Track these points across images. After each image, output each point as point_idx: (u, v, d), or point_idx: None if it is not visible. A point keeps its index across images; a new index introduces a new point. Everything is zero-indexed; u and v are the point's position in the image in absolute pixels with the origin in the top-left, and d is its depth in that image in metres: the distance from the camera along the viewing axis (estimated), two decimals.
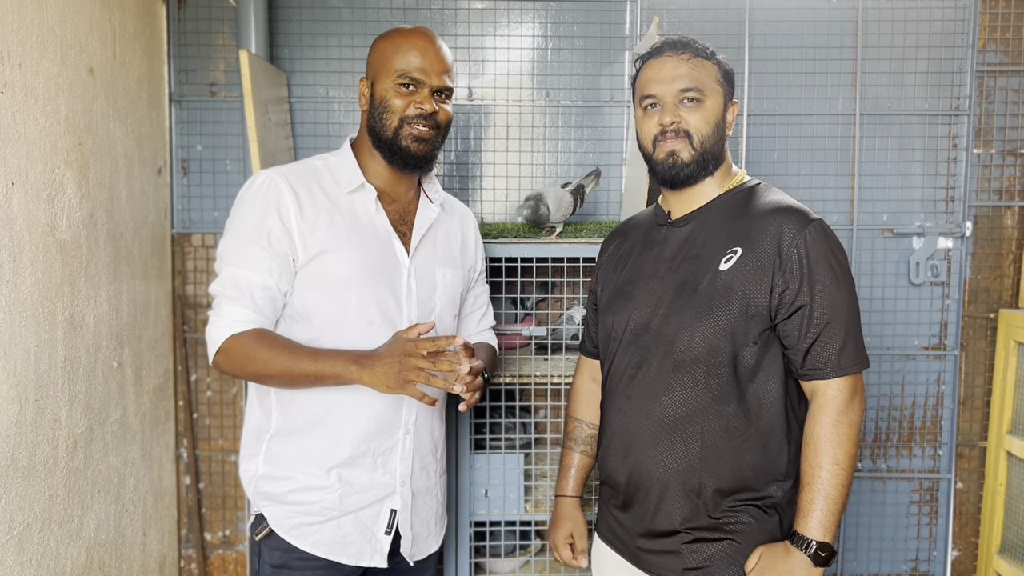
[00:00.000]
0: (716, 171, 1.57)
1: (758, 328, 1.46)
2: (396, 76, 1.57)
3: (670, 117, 1.52)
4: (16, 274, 1.74)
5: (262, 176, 1.57)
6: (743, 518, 1.48)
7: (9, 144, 1.72)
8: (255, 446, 1.62)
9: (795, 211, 1.48)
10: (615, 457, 1.59)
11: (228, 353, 1.51)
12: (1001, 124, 2.65)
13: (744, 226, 1.50)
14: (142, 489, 2.38)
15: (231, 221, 1.56)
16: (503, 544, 2.41)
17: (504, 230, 2.31)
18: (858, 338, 1.46)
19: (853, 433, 1.43)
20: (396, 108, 1.58)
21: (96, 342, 2.10)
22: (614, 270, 1.69)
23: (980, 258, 2.69)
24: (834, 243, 1.46)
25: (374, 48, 1.64)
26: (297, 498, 1.57)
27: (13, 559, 1.73)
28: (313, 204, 1.56)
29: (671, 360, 1.50)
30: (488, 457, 2.17)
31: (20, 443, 1.75)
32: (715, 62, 1.55)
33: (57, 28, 1.91)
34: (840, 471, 1.41)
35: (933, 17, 2.62)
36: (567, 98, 2.65)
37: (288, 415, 1.59)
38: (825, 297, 1.43)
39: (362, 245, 1.58)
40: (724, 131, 1.56)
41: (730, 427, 1.47)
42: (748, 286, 1.45)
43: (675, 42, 1.56)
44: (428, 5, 2.61)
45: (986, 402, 2.71)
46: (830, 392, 1.44)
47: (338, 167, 1.63)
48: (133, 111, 2.34)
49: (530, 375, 2.16)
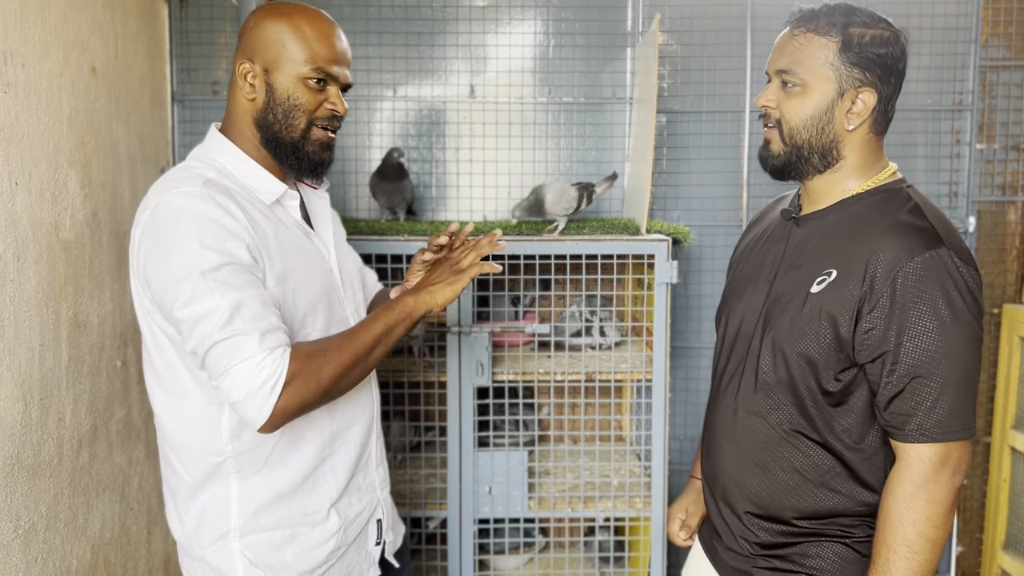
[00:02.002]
0: (837, 166, 1.34)
1: (840, 365, 1.27)
2: (306, 68, 1.33)
3: (764, 100, 1.36)
4: (20, 274, 1.74)
5: (185, 196, 1.24)
6: (824, 552, 1.34)
7: (12, 144, 1.72)
8: (220, 523, 1.36)
9: (910, 232, 1.22)
10: (704, 462, 1.53)
11: (294, 379, 1.21)
12: (1004, 119, 2.65)
13: (852, 243, 1.28)
14: (147, 488, 2.39)
15: (177, 260, 1.21)
16: (507, 541, 2.42)
17: (506, 228, 2.31)
18: (960, 399, 1.20)
19: (934, 512, 1.20)
20: (305, 107, 1.35)
21: (100, 341, 2.10)
22: (742, 260, 1.53)
23: (984, 254, 2.68)
24: (956, 280, 1.19)
25: (264, 27, 1.34)
26: (304, 559, 1.41)
27: (19, 558, 1.73)
28: (253, 227, 1.29)
29: (755, 379, 1.36)
30: (492, 454, 2.17)
31: (25, 442, 1.76)
32: (838, 38, 1.29)
33: (59, 28, 1.92)
34: (913, 556, 1.20)
35: (936, 12, 2.62)
36: (569, 95, 2.65)
37: (274, 474, 1.38)
38: (917, 345, 1.19)
39: (308, 264, 1.40)
40: (834, 125, 1.31)
41: (810, 460, 1.33)
42: (833, 316, 1.26)
43: (800, 13, 1.35)
44: (430, 3, 2.61)
45: (990, 397, 2.71)
46: (910, 458, 1.22)
47: (243, 176, 1.36)
48: (135, 110, 2.34)
49: (533, 372, 2.16)
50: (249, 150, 1.39)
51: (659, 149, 2.65)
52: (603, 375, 2.19)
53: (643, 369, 2.17)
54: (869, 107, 1.31)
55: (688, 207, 2.67)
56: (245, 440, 1.36)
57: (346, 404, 1.46)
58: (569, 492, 2.25)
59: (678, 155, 2.66)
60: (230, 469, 1.37)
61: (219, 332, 1.19)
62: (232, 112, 1.39)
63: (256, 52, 1.35)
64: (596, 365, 2.21)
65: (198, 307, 1.19)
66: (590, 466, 2.38)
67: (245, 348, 1.19)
